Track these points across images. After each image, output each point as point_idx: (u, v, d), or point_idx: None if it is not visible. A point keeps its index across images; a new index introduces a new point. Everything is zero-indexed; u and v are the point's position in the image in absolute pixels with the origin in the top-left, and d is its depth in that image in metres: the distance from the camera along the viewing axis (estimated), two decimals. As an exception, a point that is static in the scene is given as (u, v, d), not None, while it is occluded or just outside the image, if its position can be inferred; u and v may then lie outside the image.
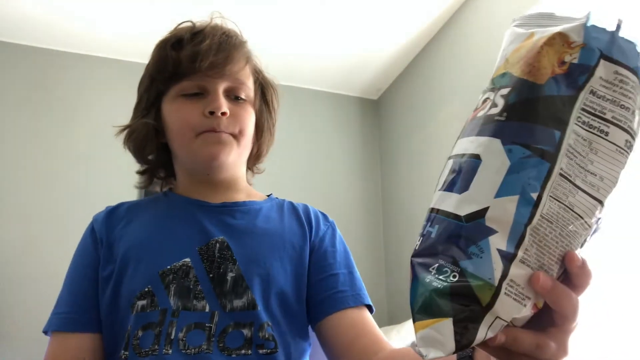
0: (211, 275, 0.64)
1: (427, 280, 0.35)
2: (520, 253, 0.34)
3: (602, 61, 0.35)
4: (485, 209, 0.35)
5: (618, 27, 0.37)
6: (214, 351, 0.59)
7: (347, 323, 0.67)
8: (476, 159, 0.36)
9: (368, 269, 2.77)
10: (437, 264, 0.36)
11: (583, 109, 0.35)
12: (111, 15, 2.31)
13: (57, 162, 2.44)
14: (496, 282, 0.33)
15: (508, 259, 0.33)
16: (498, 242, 0.34)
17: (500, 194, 0.34)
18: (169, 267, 0.64)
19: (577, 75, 0.35)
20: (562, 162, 0.34)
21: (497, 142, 0.36)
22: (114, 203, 0.78)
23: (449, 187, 0.38)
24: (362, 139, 3.07)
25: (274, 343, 0.62)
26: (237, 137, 0.70)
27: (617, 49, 0.36)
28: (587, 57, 0.36)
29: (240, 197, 0.76)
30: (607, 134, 0.35)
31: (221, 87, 0.69)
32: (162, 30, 0.76)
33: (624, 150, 0.35)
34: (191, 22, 0.73)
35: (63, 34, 2.46)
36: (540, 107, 0.35)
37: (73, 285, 0.67)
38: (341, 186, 2.90)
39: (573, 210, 0.35)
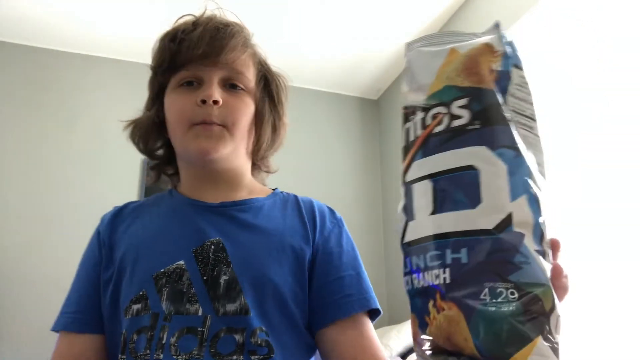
0: (205, 278, 0.62)
1: (492, 310, 0.32)
2: (544, 248, 0.35)
3: (512, 68, 0.39)
4: (510, 215, 0.34)
5: (512, 39, 0.41)
6: (205, 356, 0.57)
7: (346, 341, 0.64)
8: (471, 169, 0.36)
9: (368, 269, 2.73)
10: (485, 289, 0.33)
11: (513, 110, 0.38)
12: (111, 15, 2.31)
13: (56, 162, 2.44)
14: (550, 282, 0.33)
15: (542, 256, 0.34)
16: (530, 243, 0.34)
17: (513, 197, 0.35)
18: (162, 270, 0.63)
19: (503, 81, 0.39)
20: (527, 155, 0.37)
21: (484, 150, 0.36)
22: (113, 203, 0.77)
23: (449, 206, 0.36)
24: (362, 139, 3.07)
25: (268, 349, 0.60)
26: (229, 128, 0.67)
27: (515, 55, 0.40)
28: (506, 64, 0.39)
29: (242, 194, 0.74)
30: (531, 128, 0.39)
31: (216, 76, 0.67)
32: (161, 30, 0.75)
33: (539, 137, 0.39)
34: (192, 15, 0.72)
35: (63, 34, 2.46)
36: (500, 110, 0.38)
37: (79, 286, 0.68)
38: (341, 186, 2.90)
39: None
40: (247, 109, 0.70)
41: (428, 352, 0.36)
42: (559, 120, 1.59)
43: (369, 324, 0.67)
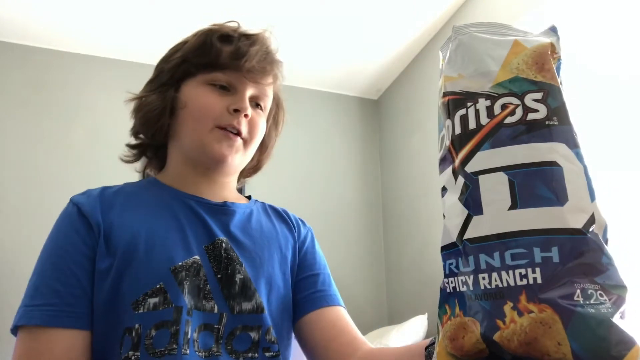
0: (219, 276, 0.63)
1: (593, 312, 0.30)
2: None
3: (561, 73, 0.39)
4: (592, 216, 0.33)
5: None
6: (223, 354, 0.59)
7: (326, 322, 0.69)
8: (555, 166, 0.34)
9: (368, 269, 2.77)
10: (577, 290, 0.31)
11: None
12: (111, 15, 2.31)
13: (56, 162, 2.44)
14: (626, 283, 0.33)
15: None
16: (605, 245, 0.33)
17: (592, 197, 0.34)
18: (180, 263, 0.61)
19: None
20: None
21: (564, 147, 0.35)
22: None
23: (534, 201, 0.34)
24: (362, 139, 3.07)
25: (277, 346, 0.63)
26: (248, 142, 0.71)
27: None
28: (559, 69, 0.39)
29: (232, 197, 0.77)
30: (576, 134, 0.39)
31: (249, 91, 0.71)
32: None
33: None
34: (237, 22, 0.74)
35: (63, 34, 2.46)
36: (568, 111, 0.37)
37: (60, 274, 0.58)
38: (341, 186, 2.89)
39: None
40: (264, 129, 0.75)
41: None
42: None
43: (344, 311, 0.73)
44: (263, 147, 0.79)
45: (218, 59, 0.68)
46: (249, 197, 0.82)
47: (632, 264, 1.30)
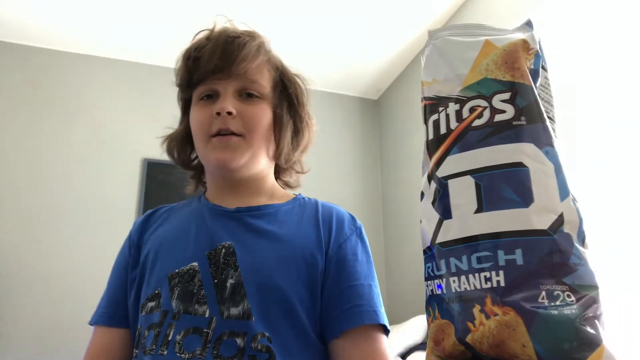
0: (216, 281, 0.64)
1: (555, 314, 0.30)
2: (586, 249, 0.34)
3: (541, 68, 0.39)
4: (561, 216, 0.33)
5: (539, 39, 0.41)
6: (207, 357, 0.58)
7: (358, 354, 0.62)
8: (521, 167, 0.34)
9: (368, 269, 2.77)
10: (542, 292, 0.31)
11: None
12: (111, 15, 2.31)
13: (56, 162, 2.44)
14: (599, 284, 0.32)
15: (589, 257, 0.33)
16: (578, 244, 0.33)
17: (562, 197, 0.34)
18: (177, 270, 0.65)
19: (534, 80, 0.38)
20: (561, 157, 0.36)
21: (532, 147, 0.35)
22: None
23: (499, 204, 0.34)
24: (362, 139, 3.07)
25: (269, 355, 0.59)
26: (246, 137, 0.69)
27: (543, 55, 0.40)
28: (537, 63, 0.38)
29: (261, 200, 0.75)
30: (553, 130, 0.38)
31: (230, 87, 0.70)
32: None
33: (557, 139, 0.38)
34: (207, 30, 0.74)
35: (63, 34, 2.46)
36: (540, 108, 0.37)
37: (110, 284, 0.73)
38: (341, 186, 2.90)
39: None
40: (263, 116, 0.72)
41: None
42: (557, 120, 1.59)
43: (383, 340, 0.65)
44: (277, 127, 0.74)
45: (192, 75, 0.71)
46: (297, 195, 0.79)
47: (633, 264, 1.30)
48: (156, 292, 0.65)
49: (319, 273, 0.66)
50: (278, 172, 0.83)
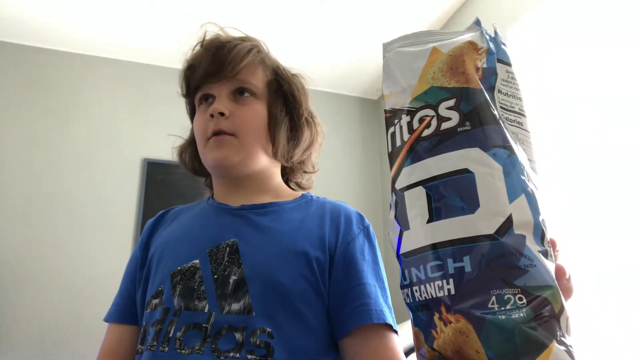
0: (215, 277, 0.64)
1: (502, 319, 0.30)
2: (546, 247, 0.34)
3: (498, 63, 0.39)
4: (510, 217, 0.33)
5: (495, 32, 0.41)
6: (206, 352, 0.58)
7: (368, 352, 0.62)
8: (466, 173, 0.35)
9: (368, 269, 2.76)
10: (492, 297, 0.31)
11: (501, 107, 0.38)
12: (111, 15, 2.31)
13: (56, 162, 2.44)
14: (556, 283, 0.32)
15: (545, 256, 0.33)
16: (532, 244, 0.33)
17: (511, 198, 0.34)
18: (179, 267, 0.67)
19: (489, 78, 0.38)
20: (519, 153, 0.36)
21: (477, 151, 0.35)
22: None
23: (447, 213, 0.34)
24: (362, 139, 3.07)
25: (266, 350, 0.59)
26: (239, 136, 0.71)
27: (501, 49, 0.40)
28: (491, 61, 0.39)
29: (266, 198, 0.75)
30: (521, 124, 0.39)
31: (224, 90, 0.72)
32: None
33: (529, 132, 0.39)
34: (202, 40, 0.77)
35: (63, 34, 2.46)
36: (489, 109, 0.37)
37: (123, 282, 0.76)
38: (341, 186, 2.90)
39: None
40: (255, 115, 0.73)
41: None
42: (556, 120, 1.59)
43: (393, 338, 0.64)
44: (271, 125, 0.74)
45: (189, 83, 0.75)
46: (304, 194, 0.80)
47: (632, 264, 1.30)
48: (159, 289, 0.66)
49: (322, 270, 0.66)
50: (287, 173, 0.84)
